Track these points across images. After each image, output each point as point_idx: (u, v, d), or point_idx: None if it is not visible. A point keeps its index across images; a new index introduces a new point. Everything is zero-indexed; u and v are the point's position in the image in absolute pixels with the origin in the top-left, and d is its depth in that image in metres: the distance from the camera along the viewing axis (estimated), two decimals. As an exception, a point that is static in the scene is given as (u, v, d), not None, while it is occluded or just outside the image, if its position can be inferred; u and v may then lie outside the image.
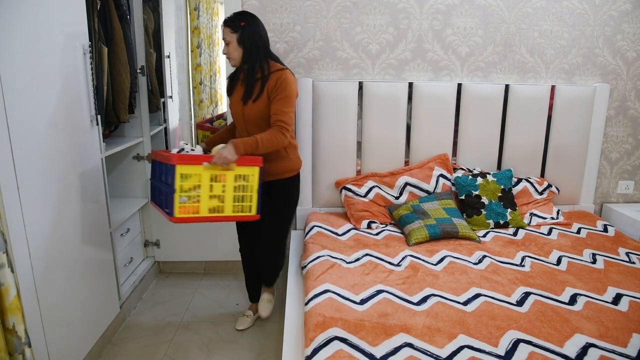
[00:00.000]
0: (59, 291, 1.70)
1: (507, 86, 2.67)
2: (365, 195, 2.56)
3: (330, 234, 2.34)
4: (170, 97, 3.29)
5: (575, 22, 2.67)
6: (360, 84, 2.60)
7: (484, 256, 2.12)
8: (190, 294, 2.67)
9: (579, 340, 1.49)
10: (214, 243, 2.87)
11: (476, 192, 2.53)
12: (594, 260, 2.12)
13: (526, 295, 1.77)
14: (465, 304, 1.71)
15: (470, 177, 2.57)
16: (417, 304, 1.70)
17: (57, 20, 1.71)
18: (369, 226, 2.46)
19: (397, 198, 2.58)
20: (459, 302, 1.71)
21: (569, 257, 2.14)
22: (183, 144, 1.98)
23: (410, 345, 1.45)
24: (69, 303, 1.78)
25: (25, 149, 1.50)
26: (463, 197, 2.55)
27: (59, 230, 1.72)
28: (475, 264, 2.05)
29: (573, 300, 1.75)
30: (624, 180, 2.97)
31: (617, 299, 1.76)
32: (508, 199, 2.54)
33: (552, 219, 2.57)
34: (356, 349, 1.43)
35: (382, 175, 2.63)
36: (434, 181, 2.59)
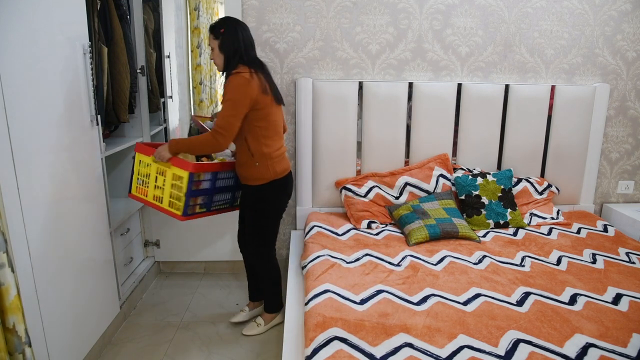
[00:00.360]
0: (59, 291, 1.70)
1: (507, 86, 2.67)
2: (365, 195, 2.56)
3: (330, 234, 2.34)
4: (170, 97, 3.29)
5: (575, 22, 2.67)
6: (360, 84, 2.60)
7: (484, 256, 2.12)
8: (190, 294, 2.67)
9: (579, 340, 1.49)
10: (214, 243, 2.87)
11: (476, 192, 2.53)
12: (594, 260, 2.12)
13: (526, 295, 1.78)
14: (465, 304, 1.71)
15: (470, 177, 2.57)
16: (417, 304, 1.70)
17: (57, 20, 1.70)
18: (369, 226, 2.46)
19: (397, 198, 2.58)
20: (459, 302, 1.71)
21: (569, 257, 2.14)
22: None
23: (410, 345, 1.45)
24: (69, 303, 1.78)
25: (25, 149, 1.50)
26: (463, 197, 2.55)
27: (59, 230, 1.72)
28: (475, 264, 2.05)
29: (573, 300, 1.75)
30: (624, 180, 2.97)
31: (617, 299, 1.76)
32: (508, 199, 2.54)
33: (552, 219, 2.57)
34: (356, 349, 1.43)
35: (382, 175, 2.63)
36: (434, 181, 2.59)
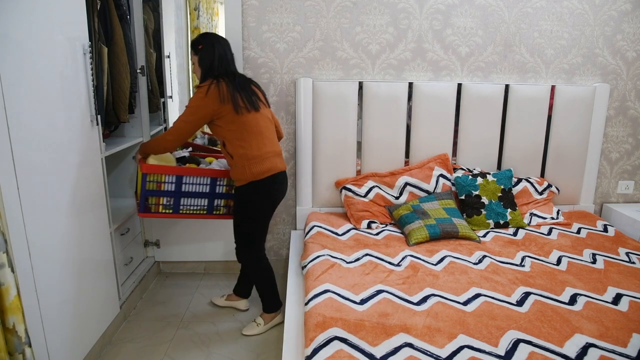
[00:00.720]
0: (59, 291, 1.70)
1: (507, 86, 2.67)
2: (365, 195, 2.56)
3: (330, 234, 2.34)
4: (170, 97, 3.29)
5: (575, 22, 2.67)
6: (360, 84, 2.60)
7: (484, 256, 2.12)
8: (190, 294, 2.67)
9: (579, 340, 1.49)
10: (214, 243, 2.87)
11: (476, 192, 2.53)
12: (594, 260, 2.12)
13: (526, 295, 1.78)
14: (465, 304, 1.71)
15: (470, 177, 2.57)
16: (417, 304, 1.70)
17: (57, 20, 1.70)
18: (369, 226, 2.46)
19: (397, 198, 2.58)
20: (459, 302, 1.71)
21: (569, 257, 2.14)
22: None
23: (410, 345, 1.45)
24: (69, 303, 1.78)
25: (25, 149, 1.50)
26: (463, 197, 2.55)
27: (59, 230, 1.72)
28: (475, 264, 2.05)
29: (573, 300, 1.75)
30: (624, 180, 2.97)
31: (617, 299, 1.76)
32: (508, 199, 2.54)
33: (552, 219, 2.57)
34: (356, 349, 1.43)
35: (382, 175, 2.63)
36: (434, 181, 2.59)
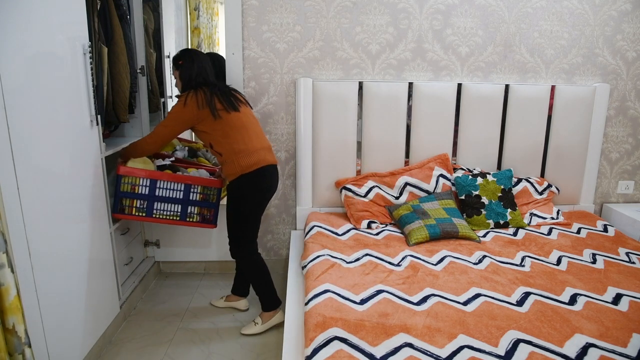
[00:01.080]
0: (59, 291, 1.70)
1: (507, 86, 2.67)
2: (365, 195, 2.56)
3: (330, 234, 2.34)
4: (170, 97, 3.29)
5: (575, 22, 2.67)
6: (360, 84, 2.60)
7: (484, 256, 2.12)
8: (190, 294, 2.67)
9: (579, 340, 1.49)
10: (214, 243, 2.87)
11: (476, 192, 2.53)
12: (594, 260, 2.12)
13: (526, 295, 1.78)
14: (465, 304, 1.71)
15: (470, 177, 2.57)
16: (417, 304, 1.70)
17: (57, 20, 1.70)
18: (369, 226, 2.46)
19: (397, 198, 2.58)
20: (459, 302, 1.71)
21: (569, 257, 2.14)
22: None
23: (410, 345, 1.45)
24: (69, 303, 1.78)
25: (25, 149, 1.50)
26: (463, 197, 2.55)
27: (59, 230, 1.72)
28: (475, 264, 2.05)
29: (573, 300, 1.75)
30: (624, 180, 2.97)
31: (617, 299, 1.76)
32: (508, 199, 2.54)
33: (552, 219, 2.57)
34: (356, 349, 1.43)
35: (382, 175, 2.63)
36: (434, 181, 2.59)
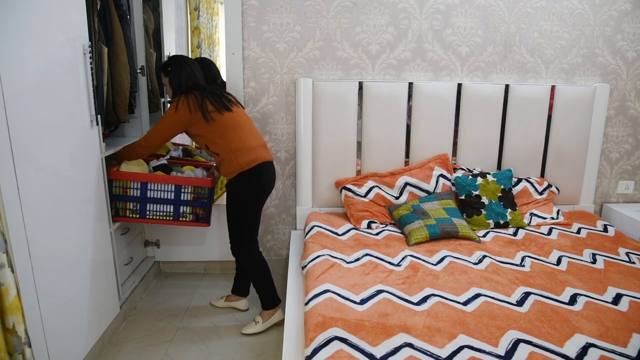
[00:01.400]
0: (59, 291, 1.70)
1: (507, 86, 2.67)
2: (365, 195, 2.56)
3: (330, 234, 2.34)
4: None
5: (575, 22, 2.67)
6: (360, 84, 2.60)
7: (484, 256, 2.12)
8: (190, 294, 2.67)
9: (579, 340, 1.49)
10: (214, 243, 2.87)
11: (476, 192, 2.53)
12: (594, 260, 2.12)
13: (526, 295, 1.78)
14: (465, 304, 1.71)
15: (470, 177, 2.57)
16: (417, 304, 1.70)
17: (57, 20, 1.70)
18: (369, 226, 2.46)
19: (397, 198, 2.58)
20: (459, 302, 1.71)
21: (569, 257, 2.14)
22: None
23: (410, 345, 1.45)
24: (69, 303, 1.78)
25: (25, 149, 1.50)
26: (463, 197, 2.55)
27: (59, 230, 1.72)
28: (475, 264, 2.05)
29: (573, 300, 1.75)
30: (624, 180, 2.97)
31: (617, 299, 1.76)
32: (508, 199, 2.54)
33: (552, 219, 2.57)
34: (356, 349, 1.43)
35: (382, 175, 2.63)
36: (434, 181, 2.59)
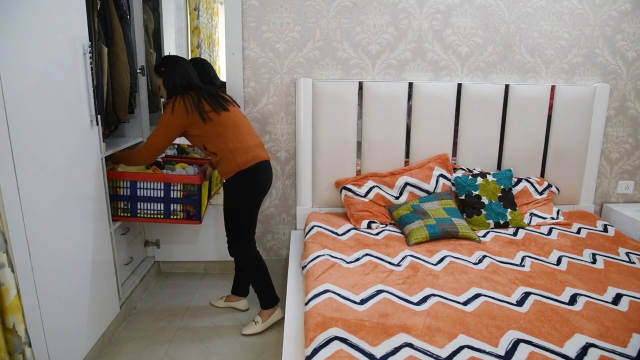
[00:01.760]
0: (59, 291, 1.70)
1: (507, 86, 2.67)
2: (365, 195, 2.56)
3: (330, 234, 2.34)
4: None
5: (575, 22, 2.67)
6: (360, 84, 2.60)
7: (484, 256, 2.12)
8: (190, 294, 2.67)
9: (579, 340, 1.49)
10: (214, 243, 2.87)
11: (476, 192, 2.53)
12: (594, 260, 2.12)
13: (526, 295, 1.78)
14: (465, 304, 1.71)
15: (470, 177, 2.57)
16: (417, 304, 1.70)
17: (57, 20, 1.70)
18: (369, 226, 2.46)
19: (397, 198, 2.58)
20: (459, 302, 1.71)
21: (569, 257, 2.14)
22: None
23: (410, 345, 1.45)
24: (69, 303, 1.78)
25: (25, 149, 1.50)
26: (463, 197, 2.55)
27: (59, 230, 1.72)
28: (475, 264, 2.05)
29: (573, 300, 1.76)
30: (624, 180, 2.97)
31: (617, 299, 1.76)
32: (508, 199, 2.54)
33: (552, 219, 2.57)
34: (356, 349, 1.43)
35: (382, 175, 2.63)
36: (434, 181, 2.59)
